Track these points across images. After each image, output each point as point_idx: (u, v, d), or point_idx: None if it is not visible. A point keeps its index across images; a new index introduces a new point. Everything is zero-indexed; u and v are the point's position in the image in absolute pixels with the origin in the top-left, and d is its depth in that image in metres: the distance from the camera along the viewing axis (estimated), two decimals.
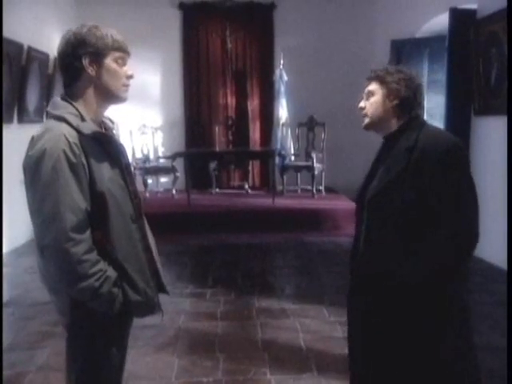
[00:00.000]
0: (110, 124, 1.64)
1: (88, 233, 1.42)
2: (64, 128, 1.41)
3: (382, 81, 1.67)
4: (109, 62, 1.49)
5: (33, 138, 1.43)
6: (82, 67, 1.47)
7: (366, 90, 1.72)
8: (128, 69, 1.54)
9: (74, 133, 1.41)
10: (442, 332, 1.59)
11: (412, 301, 1.58)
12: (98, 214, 1.44)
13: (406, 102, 1.66)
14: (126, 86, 1.55)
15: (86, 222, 1.41)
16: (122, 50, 1.52)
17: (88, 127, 1.45)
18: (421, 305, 1.57)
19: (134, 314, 1.57)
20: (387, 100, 1.67)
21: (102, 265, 1.43)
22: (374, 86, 1.69)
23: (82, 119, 1.46)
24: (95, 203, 1.43)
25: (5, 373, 2.70)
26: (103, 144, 1.48)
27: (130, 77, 1.55)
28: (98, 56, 1.47)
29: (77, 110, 1.47)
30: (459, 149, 1.58)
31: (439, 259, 1.54)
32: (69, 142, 1.38)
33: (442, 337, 1.59)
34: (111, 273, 1.44)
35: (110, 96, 1.53)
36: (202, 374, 2.71)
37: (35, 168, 1.38)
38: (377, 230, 1.65)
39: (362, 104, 1.74)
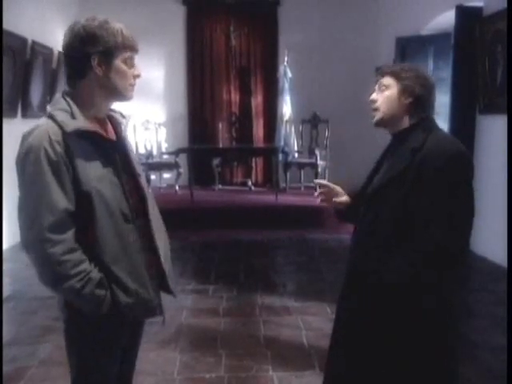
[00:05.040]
0: (120, 119, 1.60)
1: (69, 233, 1.38)
2: (50, 125, 1.38)
3: (397, 76, 1.63)
4: (118, 62, 1.45)
5: (23, 135, 1.41)
6: (90, 66, 1.42)
7: (380, 83, 1.67)
8: (135, 69, 1.51)
9: (58, 130, 1.37)
10: (425, 336, 1.57)
11: (398, 302, 1.57)
12: (84, 214, 1.40)
13: (420, 101, 1.62)
14: (133, 85, 1.52)
15: (65, 222, 1.37)
16: (132, 49, 1.48)
17: (74, 125, 1.39)
18: (405, 307, 1.56)
19: (125, 316, 1.50)
20: (402, 97, 1.62)
21: (86, 265, 1.39)
22: (388, 81, 1.64)
23: (73, 116, 1.41)
24: (81, 202, 1.39)
25: (6, 367, 2.71)
26: (93, 142, 1.43)
27: (137, 76, 1.52)
28: (107, 56, 1.43)
29: (69, 106, 1.43)
30: (463, 157, 1.54)
31: (422, 264, 1.51)
32: (51, 139, 1.35)
33: (424, 340, 1.57)
34: (95, 274, 1.40)
35: (115, 95, 1.50)
36: (204, 370, 2.71)
37: (21, 166, 1.37)
38: (372, 226, 1.63)
39: (374, 96, 1.68)
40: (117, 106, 1.61)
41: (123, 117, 1.62)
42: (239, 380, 2.63)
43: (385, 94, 1.64)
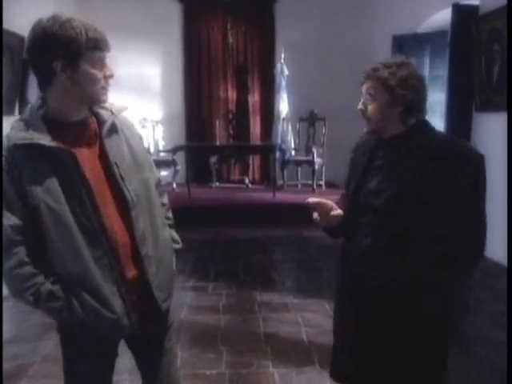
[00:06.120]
0: (106, 116, 1.47)
1: (18, 248, 1.36)
2: (4, 139, 1.36)
3: (385, 84, 1.48)
4: (84, 65, 1.33)
5: None
6: (53, 72, 1.32)
7: (366, 90, 1.52)
8: (107, 69, 1.39)
9: (6, 144, 1.35)
10: (430, 338, 1.57)
11: (409, 305, 1.54)
12: (35, 227, 1.36)
13: (413, 107, 1.50)
14: (105, 88, 1.40)
15: (11, 238, 1.35)
16: (100, 49, 1.35)
17: (16, 138, 1.34)
18: (416, 309, 1.54)
19: (85, 330, 1.46)
20: (393, 106, 1.49)
21: (37, 279, 1.37)
22: (376, 88, 1.50)
23: (26, 128, 1.35)
24: (31, 215, 1.36)
25: (8, 365, 2.74)
26: (43, 152, 1.34)
27: (109, 77, 1.40)
28: (71, 60, 1.31)
29: (29, 116, 1.38)
30: (482, 159, 1.49)
31: (462, 261, 1.50)
32: (0, 154, 1.34)
33: (429, 342, 1.58)
34: (45, 287, 1.37)
35: (86, 100, 1.40)
36: (206, 367, 2.74)
37: None
38: (392, 235, 1.51)
39: (361, 106, 1.55)
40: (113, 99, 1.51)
41: (112, 112, 1.49)
42: (240, 376, 2.65)
43: (374, 104, 1.51)
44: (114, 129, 1.49)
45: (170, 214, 1.80)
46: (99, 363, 1.55)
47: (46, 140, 1.34)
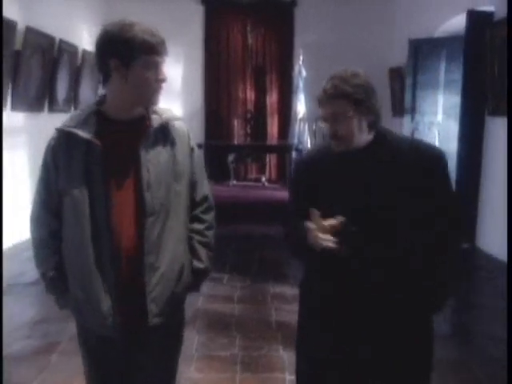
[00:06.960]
0: (155, 121, 1.50)
1: (44, 227, 1.52)
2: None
3: (352, 99, 1.44)
4: (138, 67, 1.39)
5: None
6: (109, 70, 1.41)
7: (332, 112, 1.46)
8: (160, 73, 1.43)
9: (57, 133, 1.49)
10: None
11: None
12: (60, 212, 1.49)
13: (378, 115, 1.49)
14: (157, 91, 1.45)
15: (40, 216, 1.51)
16: (154, 53, 1.40)
17: (64, 124, 1.46)
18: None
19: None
20: (364, 119, 1.47)
21: (48, 263, 1.51)
22: (345, 106, 1.44)
23: (79, 116, 1.46)
24: (60, 198, 1.48)
25: (40, 342, 3.00)
26: (82, 145, 1.43)
27: (161, 81, 1.45)
28: (125, 60, 1.38)
29: (88, 106, 1.50)
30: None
31: (457, 260, 1.59)
32: (53, 137, 1.49)
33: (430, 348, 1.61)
34: (49, 273, 1.51)
35: (137, 100, 1.46)
36: (220, 349, 2.94)
37: None
38: (384, 245, 1.46)
39: (331, 130, 1.48)
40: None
41: (160, 115, 1.52)
42: (252, 358, 2.84)
43: (347, 123, 1.45)
44: (161, 134, 1.51)
45: (209, 233, 1.68)
46: (103, 360, 1.59)
47: (82, 131, 1.42)
